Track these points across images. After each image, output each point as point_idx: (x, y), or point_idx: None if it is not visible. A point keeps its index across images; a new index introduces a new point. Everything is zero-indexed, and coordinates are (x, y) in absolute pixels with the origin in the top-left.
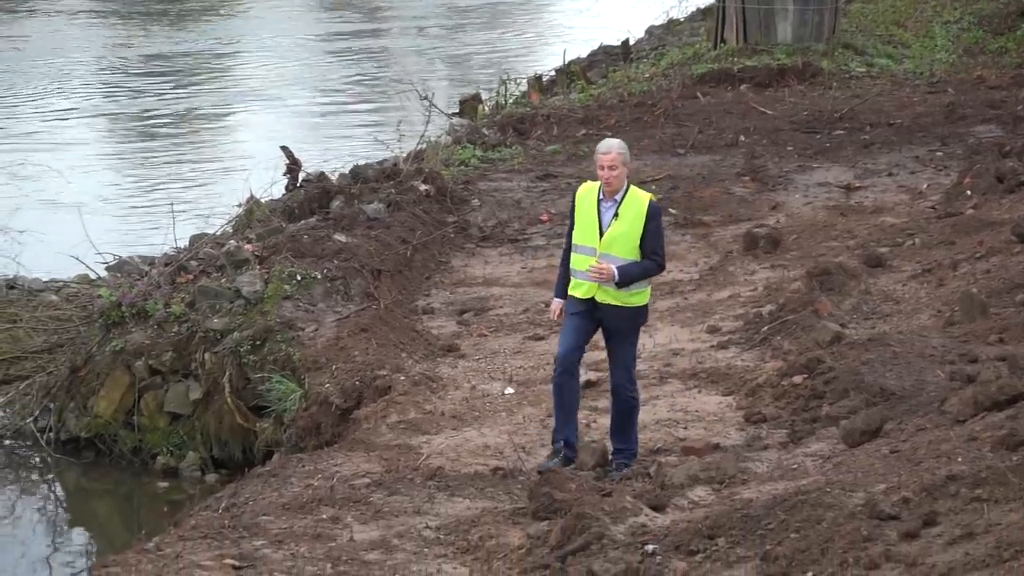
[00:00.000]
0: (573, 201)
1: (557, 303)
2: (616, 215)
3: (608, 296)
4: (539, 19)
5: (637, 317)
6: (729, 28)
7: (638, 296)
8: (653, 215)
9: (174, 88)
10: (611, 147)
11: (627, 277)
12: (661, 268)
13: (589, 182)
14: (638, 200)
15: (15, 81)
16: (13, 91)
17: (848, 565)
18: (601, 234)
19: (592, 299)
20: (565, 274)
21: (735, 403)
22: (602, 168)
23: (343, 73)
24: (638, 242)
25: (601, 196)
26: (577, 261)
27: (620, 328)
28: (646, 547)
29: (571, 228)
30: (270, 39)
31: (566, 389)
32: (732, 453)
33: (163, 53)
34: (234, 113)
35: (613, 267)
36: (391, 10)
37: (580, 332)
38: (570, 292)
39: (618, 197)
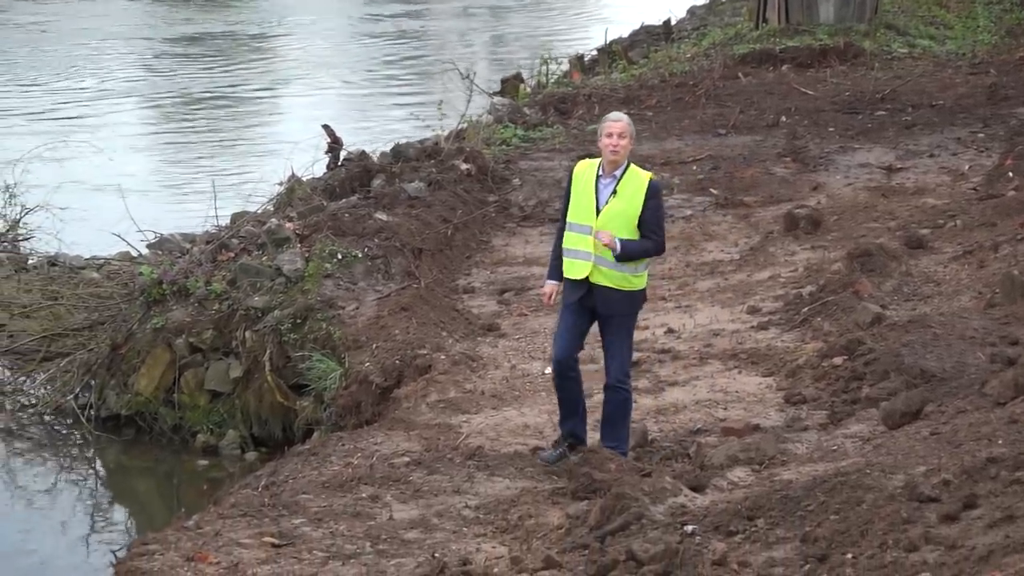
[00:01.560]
0: (570, 178)
1: (550, 285)
2: (615, 192)
3: (603, 278)
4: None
5: (633, 302)
6: (771, 8)
7: (635, 280)
8: (653, 193)
9: (216, 68)
10: (620, 116)
11: (628, 252)
12: (661, 249)
13: (587, 159)
14: (638, 177)
15: (57, 62)
16: (55, 71)
17: (888, 547)
18: (598, 212)
19: (587, 281)
20: (559, 255)
21: (775, 384)
22: (610, 135)
23: (385, 52)
24: (636, 221)
25: (600, 172)
26: (572, 240)
27: (614, 314)
28: (685, 527)
29: (564, 206)
30: (313, 19)
31: (568, 388)
32: (772, 434)
33: (205, 33)
34: (276, 92)
35: (616, 238)
36: None
37: (575, 332)
38: (565, 274)
39: (617, 174)
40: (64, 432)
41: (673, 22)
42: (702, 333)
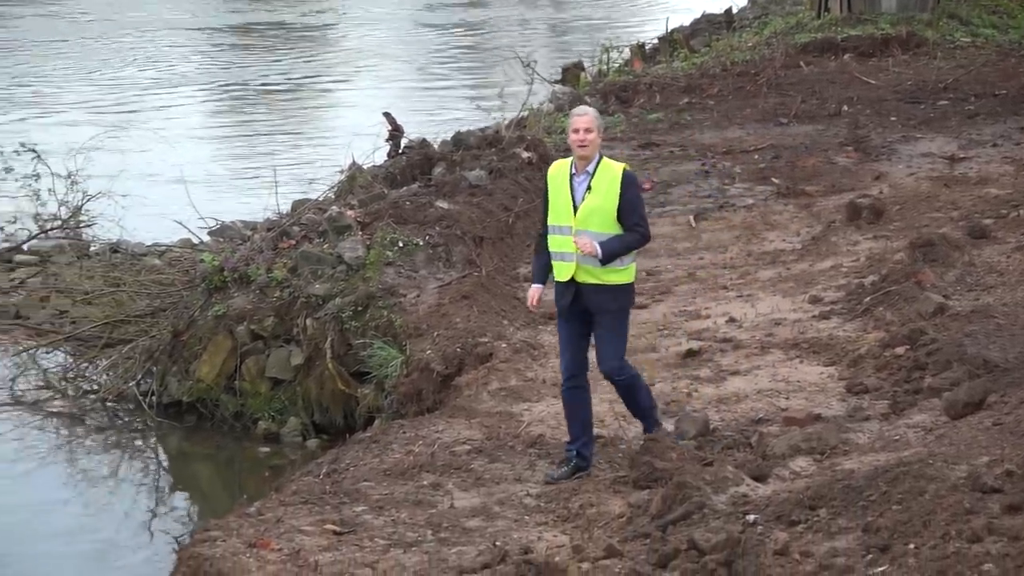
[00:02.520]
0: (546, 182)
1: (535, 289)
2: (589, 188)
3: (588, 275)
4: None
5: (620, 296)
6: None
7: (619, 274)
8: (628, 184)
9: (276, 58)
10: (587, 110)
11: (610, 253)
12: (645, 239)
13: (560, 160)
14: (611, 170)
15: (115, 52)
16: (113, 62)
17: (950, 538)
18: (575, 210)
19: (573, 281)
20: (540, 260)
21: (837, 374)
22: (576, 131)
23: (446, 42)
24: (615, 214)
25: (573, 171)
26: (554, 243)
27: (603, 310)
28: (747, 517)
29: (544, 211)
30: (374, 8)
31: (576, 402)
32: (834, 424)
33: (263, 23)
34: (337, 82)
35: (596, 244)
36: None
37: (576, 341)
38: (555, 278)
39: (590, 169)
40: (126, 418)
41: (735, 11)
42: (764, 322)
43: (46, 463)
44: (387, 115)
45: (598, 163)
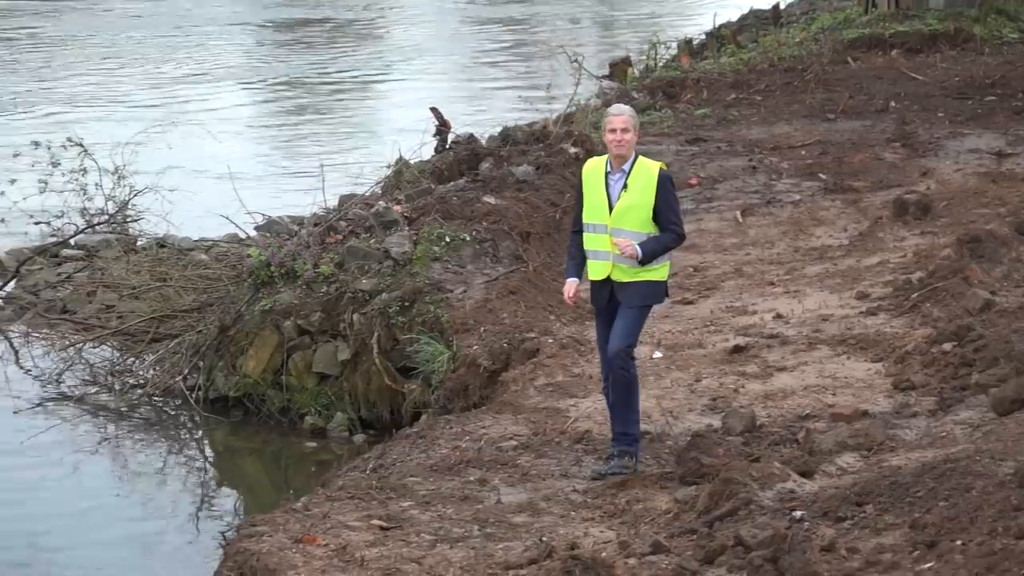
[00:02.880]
0: (580, 179)
1: (571, 283)
2: (625, 186)
3: (624, 274)
4: None
5: (650, 292)
6: None
7: (655, 272)
8: (664, 183)
9: (321, 53)
10: (623, 109)
11: (650, 254)
12: (681, 238)
13: (596, 157)
14: (647, 169)
15: (159, 48)
16: (164, 56)
17: (997, 534)
18: (611, 208)
19: (608, 280)
20: (575, 255)
21: (884, 370)
22: (613, 131)
23: (493, 37)
24: (650, 213)
25: (609, 169)
26: (589, 240)
27: (632, 302)
28: (794, 513)
29: (577, 208)
30: (420, 4)
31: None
32: (881, 420)
33: (309, 19)
34: (383, 77)
35: (636, 245)
36: None
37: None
38: (589, 277)
39: (626, 168)
40: (173, 413)
41: (782, 6)
42: (811, 318)
43: (92, 458)
44: (434, 110)
45: (634, 161)
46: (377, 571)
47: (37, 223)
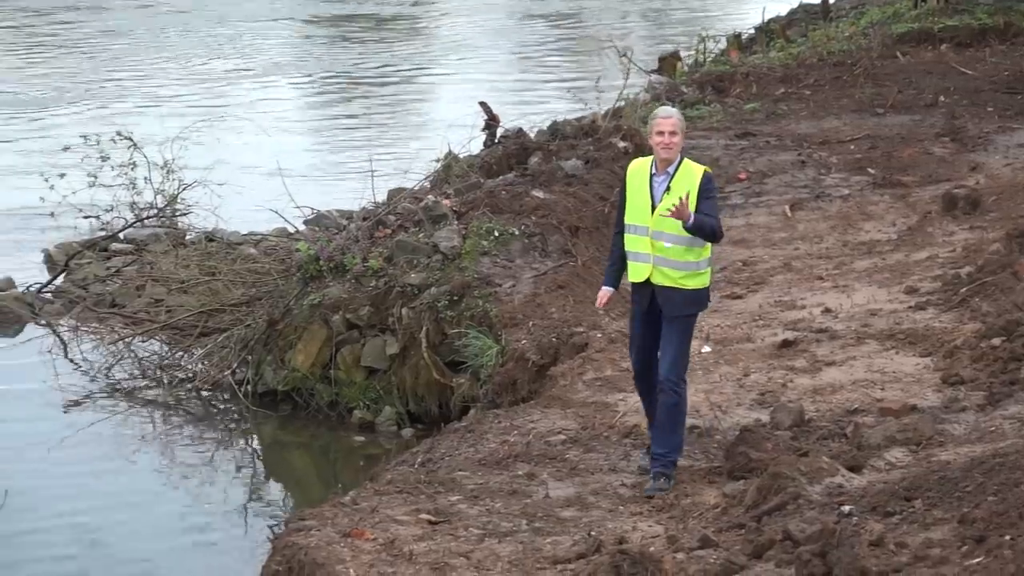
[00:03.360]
0: (624, 180)
1: (605, 292)
2: (668, 188)
3: (664, 278)
4: None
5: (694, 301)
6: None
7: (695, 278)
8: (708, 186)
9: (369, 48)
10: (671, 112)
11: (699, 225)
12: (719, 233)
13: (640, 158)
14: (691, 172)
15: (206, 43)
16: (212, 51)
17: None
18: (653, 210)
19: (648, 282)
20: (615, 260)
21: (932, 365)
22: (660, 133)
23: (541, 31)
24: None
25: (654, 170)
26: (631, 242)
27: (674, 315)
28: (842, 508)
29: (620, 210)
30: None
31: (648, 396)
32: (929, 415)
33: (359, 13)
34: (432, 71)
35: (691, 213)
36: None
37: (647, 340)
38: (629, 279)
39: (671, 170)
40: (221, 407)
41: (832, 0)
42: (859, 313)
43: (141, 452)
44: (483, 104)
45: (679, 164)
46: (425, 565)
47: (86, 217)
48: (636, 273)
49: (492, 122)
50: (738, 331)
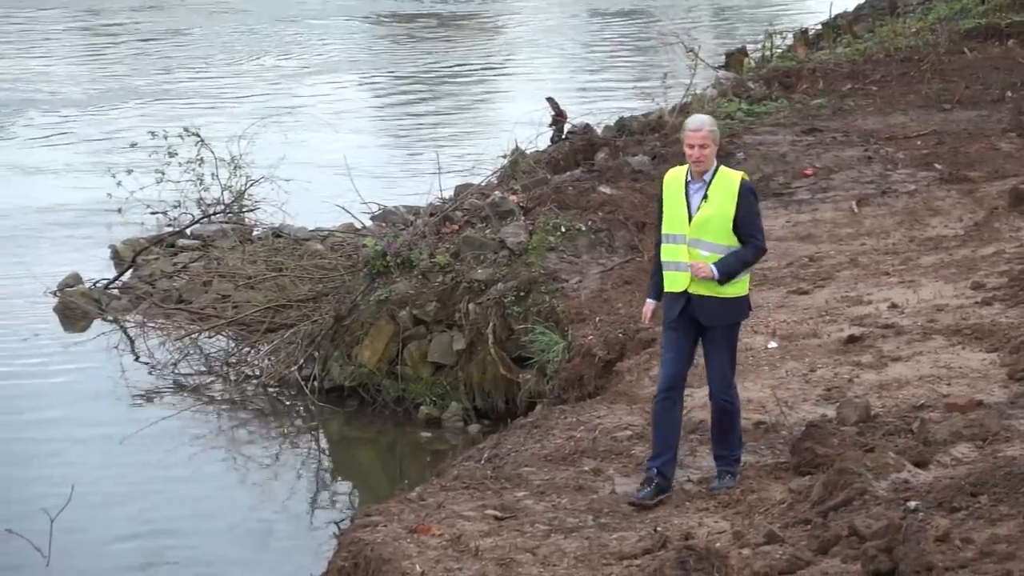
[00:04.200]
0: (661, 190)
1: (649, 305)
2: (705, 197)
3: (702, 288)
4: None
5: (734, 310)
6: None
7: (735, 287)
8: (746, 194)
9: (436, 45)
10: (702, 124)
11: (728, 273)
12: (761, 252)
13: (676, 167)
14: (729, 179)
15: (271, 42)
16: (275, 47)
17: None
18: (690, 219)
19: (686, 292)
20: (657, 272)
21: (999, 360)
22: (691, 146)
23: (609, 27)
24: (730, 224)
25: (689, 178)
26: (668, 252)
27: (717, 325)
28: (908, 503)
29: (659, 220)
30: None
31: (666, 417)
32: (996, 410)
33: (427, 11)
34: (499, 68)
35: (712, 267)
36: None
37: (682, 354)
38: (666, 288)
39: (707, 178)
40: (287, 403)
41: None
42: (926, 308)
43: (208, 448)
44: (551, 100)
45: (715, 171)
46: (491, 561)
47: (153, 213)
48: (673, 283)
49: (559, 118)
50: (804, 326)
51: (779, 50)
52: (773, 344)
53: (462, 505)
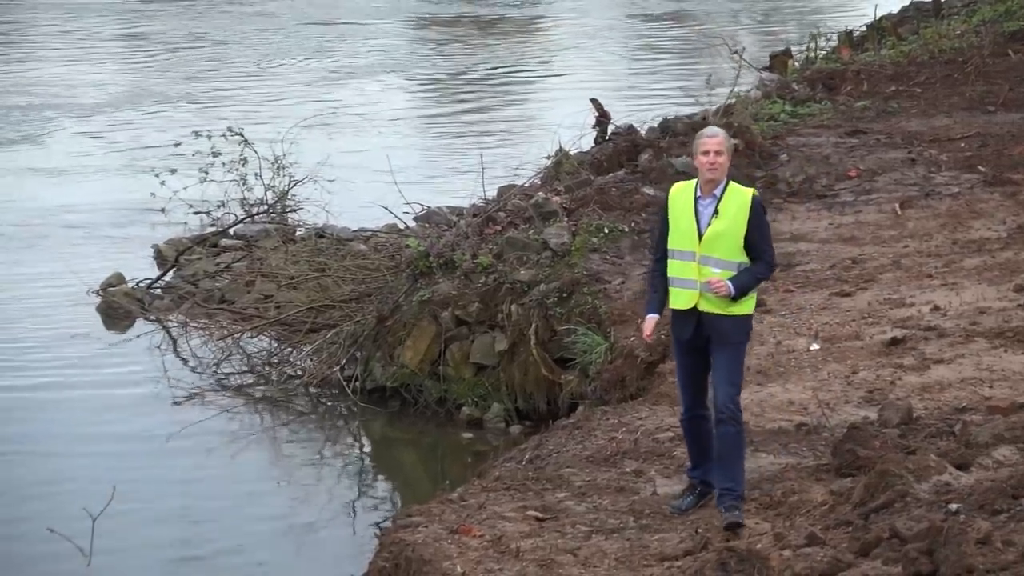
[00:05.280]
0: (665, 204)
1: (651, 320)
2: (716, 212)
3: (711, 305)
4: None
5: (742, 327)
6: None
7: (743, 305)
8: (757, 209)
9: (480, 48)
10: (717, 132)
11: (743, 290)
12: (773, 268)
13: (682, 182)
14: (740, 194)
15: (313, 43)
16: (315, 49)
17: None
18: (700, 235)
19: (695, 310)
20: (657, 287)
21: None
22: (706, 153)
23: (653, 28)
24: (741, 241)
25: (699, 194)
26: (676, 268)
27: (724, 339)
28: (950, 506)
29: (660, 235)
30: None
31: (697, 432)
32: None
33: (469, 13)
34: (542, 70)
35: (728, 284)
36: None
37: (698, 376)
38: (671, 305)
39: (717, 193)
40: (329, 404)
41: None
42: (968, 311)
43: (250, 448)
44: (594, 101)
45: (725, 187)
46: (532, 562)
47: (197, 213)
48: (681, 300)
49: (603, 119)
50: (847, 328)
51: (823, 52)
52: (815, 346)
53: (503, 506)
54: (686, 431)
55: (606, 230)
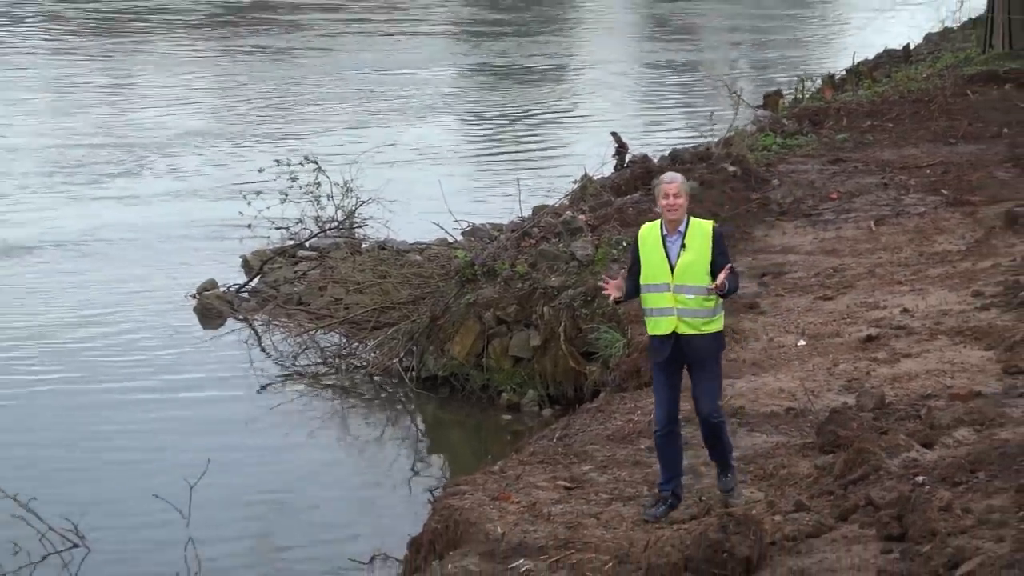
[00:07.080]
0: (636, 243)
1: (617, 283)
2: (683, 246)
3: (688, 327)
4: (834, 18)
5: (716, 343)
6: (996, 35)
7: (714, 323)
8: (719, 239)
9: (518, 91)
10: (675, 178)
11: (732, 288)
12: (738, 278)
13: (648, 223)
14: (702, 227)
15: (381, 85)
16: (382, 92)
17: None
18: (672, 267)
19: (674, 334)
20: (631, 291)
21: (995, 357)
22: (667, 196)
23: (663, 73)
24: (708, 267)
25: (665, 232)
26: (651, 300)
27: (703, 356)
28: (916, 478)
29: (632, 269)
30: (600, 50)
31: (670, 449)
32: (992, 400)
33: (511, 64)
34: (571, 111)
35: (726, 282)
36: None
37: (674, 393)
38: (650, 332)
39: (682, 229)
40: (390, 390)
41: (912, 47)
42: (933, 312)
43: (323, 428)
44: (614, 134)
45: (688, 223)
46: (561, 524)
47: (278, 228)
48: (660, 327)
49: (621, 149)
50: (829, 327)
51: (809, 92)
52: (802, 342)
53: (537, 476)
54: (660, 447)
55: (624, 243)
